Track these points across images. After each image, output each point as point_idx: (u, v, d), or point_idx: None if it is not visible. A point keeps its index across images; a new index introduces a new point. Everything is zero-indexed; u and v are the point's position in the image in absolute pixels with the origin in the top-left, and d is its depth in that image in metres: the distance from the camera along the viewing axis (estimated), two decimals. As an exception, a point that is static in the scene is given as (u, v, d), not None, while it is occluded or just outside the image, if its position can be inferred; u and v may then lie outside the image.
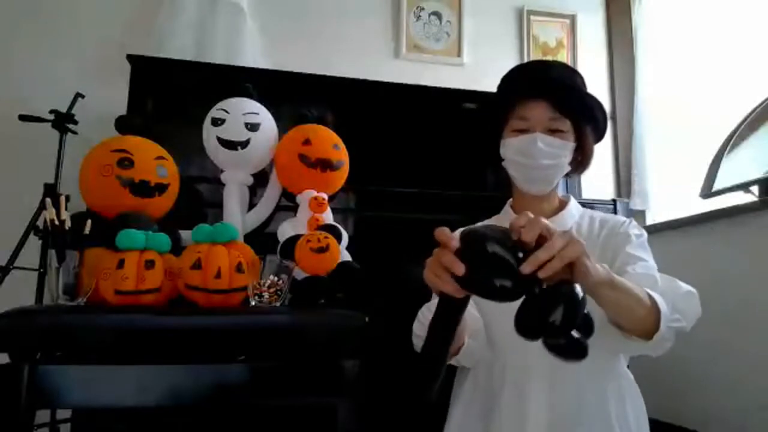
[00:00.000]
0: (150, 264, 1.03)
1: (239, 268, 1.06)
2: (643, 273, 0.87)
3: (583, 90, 1.01)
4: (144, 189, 1.16)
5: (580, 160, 1.03)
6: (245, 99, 1.34)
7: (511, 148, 1.00)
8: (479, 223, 1.10)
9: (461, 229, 0.61)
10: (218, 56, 1.92)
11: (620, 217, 1.04)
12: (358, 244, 1.32)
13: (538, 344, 0.58)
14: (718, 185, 1.68)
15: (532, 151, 0.96)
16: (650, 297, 0.78)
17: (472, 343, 0.93)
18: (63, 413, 1.41)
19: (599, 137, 1.05)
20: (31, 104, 1.62)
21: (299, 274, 1.14)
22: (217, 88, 1.35)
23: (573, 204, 1.06)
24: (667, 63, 2.17)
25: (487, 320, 0.97)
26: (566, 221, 1.03)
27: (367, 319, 1.03)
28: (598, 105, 1.01)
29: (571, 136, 0.99)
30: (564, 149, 0.98)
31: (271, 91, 1.41)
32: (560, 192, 1.08)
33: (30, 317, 0.92)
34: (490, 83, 1.08)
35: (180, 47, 1.90)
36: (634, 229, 0.98)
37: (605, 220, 1.03)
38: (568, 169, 1.02)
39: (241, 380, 0.96)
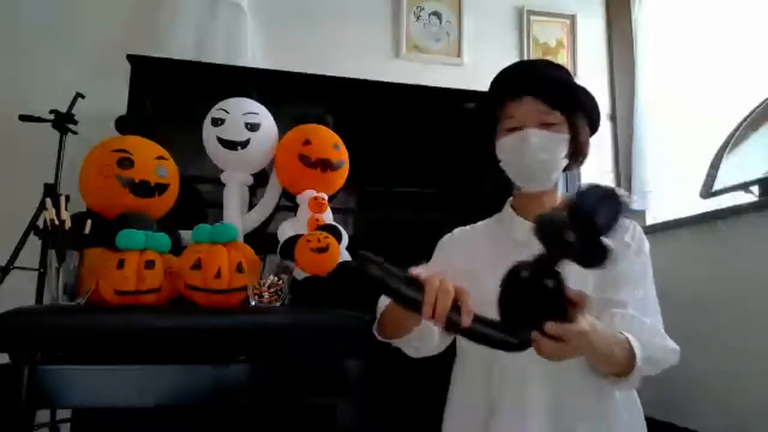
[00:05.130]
0: (150, 264, 1.03)
1: (239, 268, 1.06)
2: (634, 317, 0.88)
3: (569, 80, 1.01)
4: (144, 189, 1.16)
5: (577, 152, 1.01)
6: (245, 99, 1.34)
7: (505, 147, 0.99)
8: (480, 222, 1.11)
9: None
10: (218, 56, 1.92)
11: (624, 221, 1.02)
12: (358, 244, 1.32)
13: None
14: (718, 185, 1.67)
15: (526, 147, 0.95)
16: (630, 345, 0.82)
17: (423, 330, 0.88)
18: (63, 413, 1.41)
19: (594, 127, 1.04)
20: (31, 104, 1.62)
21: (299, 274, 1.14)
22: (217, 88, 1.35)
23: None
24: (667, 63, 2.17)
25: None
26: None
27: (367, 319, 1.03)
28: (586, 93, 1.00)
29: (564, 128, 0.98)
30: (558, 142, 0.97)
31: (271, 91, 1.42)
32: (561, 192, 1.08)
33: (30, 317, 0.92)
34: (489, 83, 1.08)
35: (180, 47, 1.90)
36: (638, 242, 0.98)
37: None
38: (565, 162, 1.01)
39: (241, 380, 0.96)
